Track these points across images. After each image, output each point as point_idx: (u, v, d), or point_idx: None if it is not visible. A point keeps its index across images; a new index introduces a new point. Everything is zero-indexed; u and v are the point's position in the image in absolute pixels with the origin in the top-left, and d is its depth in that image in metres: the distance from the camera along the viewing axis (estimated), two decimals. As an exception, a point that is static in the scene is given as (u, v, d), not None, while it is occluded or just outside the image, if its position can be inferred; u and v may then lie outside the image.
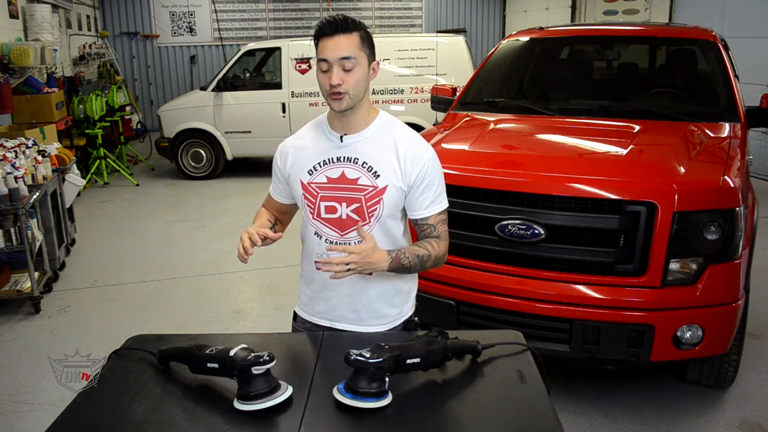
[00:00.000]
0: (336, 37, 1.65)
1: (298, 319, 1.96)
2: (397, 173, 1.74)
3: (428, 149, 1.78)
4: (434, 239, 1.79)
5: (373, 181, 1.74)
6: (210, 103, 8.02)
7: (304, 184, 1.78)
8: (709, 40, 3.94)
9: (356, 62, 1.66)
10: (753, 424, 2.87)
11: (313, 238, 1.81)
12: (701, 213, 2.61)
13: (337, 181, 1.75)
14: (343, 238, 1.77)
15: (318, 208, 1.77)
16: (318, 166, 1.77)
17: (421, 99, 7.85)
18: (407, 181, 1.74)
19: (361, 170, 1.74)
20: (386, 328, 1.88)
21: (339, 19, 1.66)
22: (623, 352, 2.65)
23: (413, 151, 1.75)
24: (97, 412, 1.43)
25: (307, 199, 1.79)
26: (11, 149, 4.64)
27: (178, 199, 7.37)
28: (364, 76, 1.70)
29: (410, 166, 1.74)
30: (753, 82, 6.52)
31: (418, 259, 1.73)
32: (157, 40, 11.95)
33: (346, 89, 1.66)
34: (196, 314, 4.19)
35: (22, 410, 3.10)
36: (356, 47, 1.67)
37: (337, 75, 1.65)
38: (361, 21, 1.72)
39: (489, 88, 4.24)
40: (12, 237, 4.13)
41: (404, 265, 1.71)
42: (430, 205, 1.78)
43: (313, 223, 1.80)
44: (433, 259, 1.77)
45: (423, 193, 1.76)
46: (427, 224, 1.80)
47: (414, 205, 1.78)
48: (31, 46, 6.26)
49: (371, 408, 1.37)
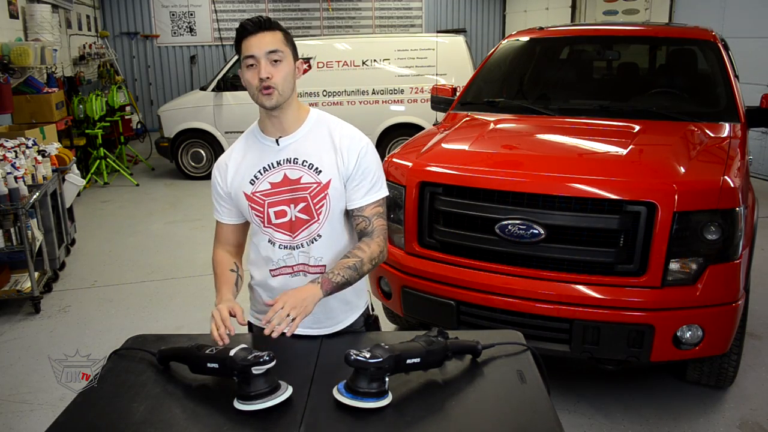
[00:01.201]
0: (260, 34, 1.67)
1: (255, 329, 1.93)
2: (338, 165, 1.74)
3: (363, 138, 1.80)
4: (365, 241, 1.77)
5: (315, 178, 1.74)
6: (210, 103, 8.02)
7: (249, 195, 1.77)
8: (709, 40, 3.94)
9: (283, 56, 1.69)
10: (753, 424, 2.87)
11: (266, 246, 1.80)
12: (701, 213, 2.61)
13: (281, 185, 1.74)
14: (295, 240, 1.76)
15: (267, 215, 1.76)
16: (259, 174, 1.76)
17: (421, 99, 7.85)
18: (346, 172, 1.75)
19: (302, 169, 1.74)
20: (343, 326, 1.88)
21: (262, 18, 1.70)
22: (623, 352, 2.65)
23: (348, 141, 1.76)
24: (97, 412, 1.43)
25: (254, 209, 1.77)
26: (11, 149, 4.64)
27: (178, 199, 7.37)
28: (291, 71, 1.71)
29: (347, 156, 1.75)
30: (753, 82, 6.52)
31: (351, 270, 1.70)
32: (157, 40, 11.95)
33: (275, 83, 1.67)
34: (196, 314, 4.19)
35: (22, 410, 3.10)
36: (281, 42, 1.69)
37: (265, 68, 1.66)
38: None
39: (489, 88, 4.24)
40: (12, 237, 4.13)
41: (338, 282, 1.68)
42: (367, 194, 1.78)
43: (265, 231, 1.78)
44: (368, 262, 1.74)
45: (360, 181, 1.76)
46: (362, 216, 1.78)
47: (351, 195, 1.77)
48: (31, 46, 6.26)
49: (371, 408, 1.37)
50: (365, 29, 12.45)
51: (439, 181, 2.97)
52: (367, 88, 7.95)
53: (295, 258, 1.78)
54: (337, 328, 1.87)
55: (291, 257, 1.78)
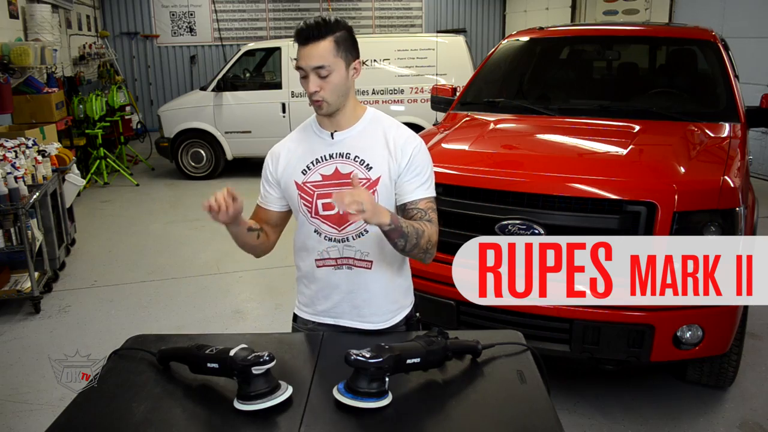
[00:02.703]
0: (309, 46, 1.67)
1: (299, 320, 1.96)
2: (389, 164, 1.75)
3: (416, 138, 1.81)
4: (426, 222, 1.76)
5: (366, 174, 1.75)
6: (210, 103, 8.02)
7: (299, 185, 1.79)
8: (709, 40, 3.94)
9: (331, 69, 1.67)
10: (753, 424, 2.87)
11: (312, 237, 1.81)
12: (701, 213, 2.61)
13: (332, 177, 1.76)
14: (341, 233, 1.78)
15: (315, 205, 1.78)
16: (311, 165, 1.78)
17: (421, 99, 7.85)
18: (398, 170, 1.76)
19: (353, 164, 1.76)
20: (388, 324, 1.88)
21: (312, 25, 1.66)
22: (623, 352, 2.65)
23: (402, 141, 1.77)
24: (97, 412, 1.43)
25: (303, 198, 1.79)
26: (11, 149, 4.64)
27: (178, 199, 7.38)
28: (342, 80, 1.70)
29: (400, 154, 1.75)
30: (753, 82, 6.52)
31: (413, 229, 1.67)
32: (157, 40, 11.95)
33: (323, 96, 1.68)
34: (196, 314, 4.19)
35: (22, 410, 3.10)
36: (330, 54, 1.67)
37: (313, 82, 1.67)
38: (339, 20, 1.72)
39: (489, 88, 4.24)
40: (12, 237, 4.13)
41: (401, 228, 1.63)
42: (420, 187, 1.78)
43: (312, 221, 1.80)
44: (426, 238, 1.71)
45: (412, 178, 1.77)
46: (417, 208, 1.78)
47: (403, 189, 1.78)
48: (31, 46, 6.25)
49: (371, 408, 1.37)
50: (365, 29, 12.45)
51: (439, 181, 2.93)
52: (367, 88, 7.95)
53: (340, 251, 1.79)
54: (384, 325, 1.86)
55: (335, 250, 1.79)
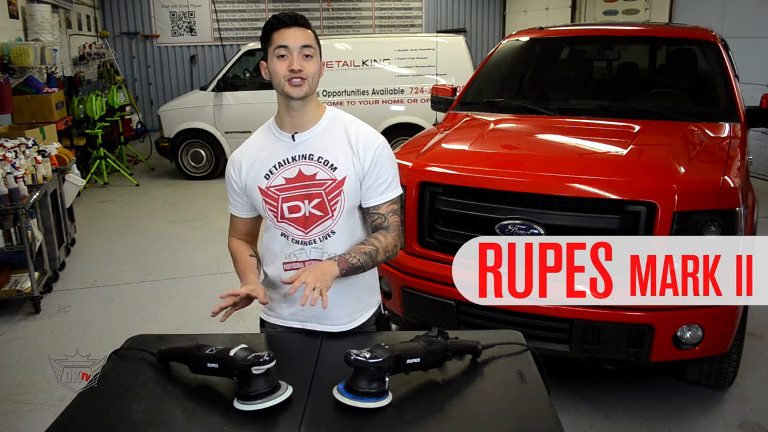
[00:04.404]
0: (295, 28, 1.69)
1: (267, 325, 1.94)
2: (353, 163, 1.75)
3: (379, 137, 1.81)
4: (381, 232, 1.79)
5: (330, 174, 1.74)
6: (210, 103, 8.02)
7: (263, 190, 1.77)
8: (709, 40, 3.94)
9: (314, 52, 1.71)
10: (753, 424, 2.87)
11: (279, 240, 1.81)
12: (701, 213, 2.61)
13: (296, 180, 1.75)
14: (308, 236, 1.77)
15: (281, 210, 1.77)
16: (274, 168, 1.77)
17: (421, 99, 7.84)
18: (362, 170, 1.76)
19: (317, 165, 1.75)
20: (355, 324, 1.88)
21: (293, 15, 1.71)
22: (623, 352, 2.65)
23: (364, 139, 1.77)
24: (97, 412, 1.43)
25: (268, 203, 1.78)
26: (11, 149, 4.64)
27: (178, 199, 7.37)
28: (319, 69, 1.73)
29: (363, 153, 1.75)
30: (753, 82, 6.52)
31: (366, 256, 1.73)
32: (157, 40, 11.95)
33: (307, 74, 1.69)
34: (196, 314, 4.19)
35: (22, 410, 3.10)
36: (313, 40, 1.72)
37: (298, 61, 1.68)
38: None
39: (489, 88, 4.24)
40: (12, 237, 4.13)
41: (353, 264, 1.70)
42: (383, 193, 1.79)
43: (278, 226, 1.79)
44: (383, 252, 1.76)
45: (376, 180, 1.77)
46: (378, 213, 1.80)
47: (367, 193, 1.78)
48: (31, 46, 6.26)
49: (371, 408, 1.37)
50: (365, 29, 12.45)
51: (439, 181, 2.97)
52: (367, 88, 7.95)
53: (308, 254, 1.79)
54: (350, 326, 1.87)
55: (303, 252, 1.79)
